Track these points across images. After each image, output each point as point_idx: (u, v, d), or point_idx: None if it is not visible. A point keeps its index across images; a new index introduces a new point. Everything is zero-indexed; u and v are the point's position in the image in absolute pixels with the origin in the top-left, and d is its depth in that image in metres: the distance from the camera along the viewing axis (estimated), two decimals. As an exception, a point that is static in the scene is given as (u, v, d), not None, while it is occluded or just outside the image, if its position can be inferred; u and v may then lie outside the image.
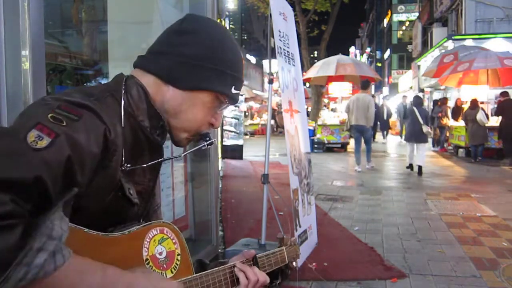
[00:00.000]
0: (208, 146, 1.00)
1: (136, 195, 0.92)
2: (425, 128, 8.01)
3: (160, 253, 0.90)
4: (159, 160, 0.97)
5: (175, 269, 0.92)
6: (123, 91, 0.89)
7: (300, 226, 3.16)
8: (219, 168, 6.36)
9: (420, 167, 8.19)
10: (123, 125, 0.85)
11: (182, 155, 1.10)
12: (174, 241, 0.93)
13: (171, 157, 1.15)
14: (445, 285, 2.95)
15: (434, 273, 3.16)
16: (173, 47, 0.93)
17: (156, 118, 0.92)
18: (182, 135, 0.97)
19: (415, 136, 8.20)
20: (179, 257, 0.94)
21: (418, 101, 8.48)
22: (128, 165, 0.86)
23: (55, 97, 0.79)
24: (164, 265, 0.90)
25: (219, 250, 3.33)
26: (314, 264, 3.23)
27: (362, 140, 8.89)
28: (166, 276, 0.90)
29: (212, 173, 3.13)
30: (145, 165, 0.92)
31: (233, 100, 0.98)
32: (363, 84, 9.24)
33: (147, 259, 0.87)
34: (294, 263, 1.18)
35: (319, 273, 3.10)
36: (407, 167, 8.67)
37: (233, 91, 0.97)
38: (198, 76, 0.92)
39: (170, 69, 0.92)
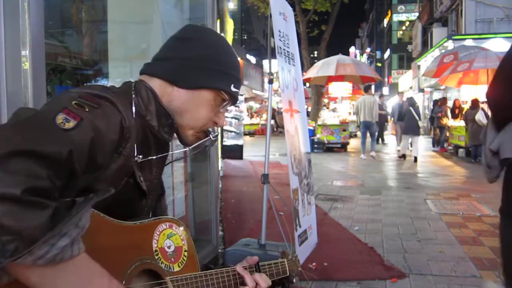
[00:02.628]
0: (214, 139, 1.08)
1: (145, 184, 0.99)
2: (421, 123, 10.28)
3: (169, 247, 0.95)
4: (166, 154, 1.05)
5: (182, 264, 0.97)
6: (133, 93, 0.97)
7: (300, 226, 3.17)
8: (219, 168, 6.35)
9: (415, 157, 10.15)
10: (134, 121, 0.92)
11: (189, 154, 1.17)
12: (181, 237, 0.98)
13: (176, 157, 1.25)
14: (445, 285, 2.95)
15: (434, 273, 3.16)
16: (176, 52, 1.02)
17: (165, 116, 0.99)
18: (188, 132, 1.05)
19: (411, 130, 10.22)
20: (186, 253, 0.98)
21: (412, 102, 10.73)
22: (140, 156, 0.94)
23: (77, 89, 0.87)
24: (172, 259, 0.95)
25: (219, 250, 3.33)
26: (314, 264, 3.23)
27: (368, 134, 11.10)
28: (173, 269, 0.94)
29: (212, 173, 3.13)
30: (154, 157, 0.99)
31: (233, 98, 1.06)
32: (365, 87, 11.56)
33: (156, 251, 0.92)
34: (294, 280, 1.20)
35: (319, 273, 3.10)
36: (400, 157, 10.72)
37: (233, 89, 1.05)
38: (200, 76, 1.00)
39: (174, 71, 1.00)
